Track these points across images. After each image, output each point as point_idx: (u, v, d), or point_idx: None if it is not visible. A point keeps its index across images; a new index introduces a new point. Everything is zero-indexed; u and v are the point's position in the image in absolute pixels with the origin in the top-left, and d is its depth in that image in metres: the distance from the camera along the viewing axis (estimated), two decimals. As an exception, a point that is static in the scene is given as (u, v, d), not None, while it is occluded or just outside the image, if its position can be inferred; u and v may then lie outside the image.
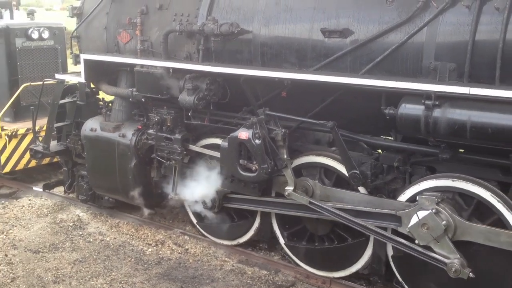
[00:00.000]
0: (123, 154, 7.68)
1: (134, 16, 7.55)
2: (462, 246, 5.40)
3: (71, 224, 8.51)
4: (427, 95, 5.09)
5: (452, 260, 5.33)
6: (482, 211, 5.43)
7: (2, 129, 9.84)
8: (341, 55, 5.87)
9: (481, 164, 5.54)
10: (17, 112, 10.43)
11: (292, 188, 6.38)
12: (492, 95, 4.80)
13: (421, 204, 5.46)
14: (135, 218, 8.59)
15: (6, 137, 9.82)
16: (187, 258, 7.37)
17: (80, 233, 8.21)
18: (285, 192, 6.45)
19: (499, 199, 5.24)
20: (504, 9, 4.92)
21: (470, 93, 4.89)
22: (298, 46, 6.23)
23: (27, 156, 9.77)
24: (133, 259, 7.34)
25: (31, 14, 11.73)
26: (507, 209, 5.21)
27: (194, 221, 7.95)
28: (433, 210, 5.35)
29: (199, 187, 7.21)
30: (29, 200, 9.61)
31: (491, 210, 5.30)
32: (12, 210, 9.14)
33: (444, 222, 5.33)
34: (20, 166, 10.19)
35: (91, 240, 7.96)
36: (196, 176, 7.31)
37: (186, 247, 7.69)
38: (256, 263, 7.22)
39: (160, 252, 7.56)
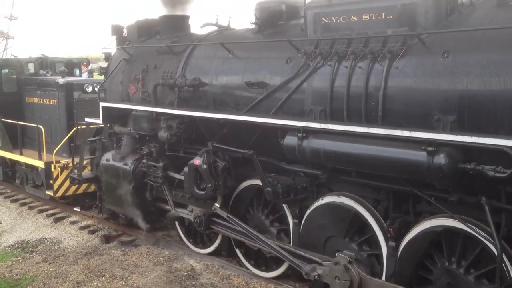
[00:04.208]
0: (125, 179, 9.90)
1: (139, 74, 9.92)
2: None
3: (185, 273, 8.73)
4: (297, 129, 6.88)
5: None
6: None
7: (56, 162, 12.49)
8: (259, 101, 7.80)
9: (363, 185, 7.04)
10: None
11: (219, 205, 8.56)
12: (333, 129, 6.52)
13: (337, 260, 6.88)
14: (246, 271, 8.79)
15: (59, 168, 12.45)
16: (296, 315, 7.48)
17: (193, 283, 8.37)
18: (212, 207, 8.55)
19: (366, 210, 6.87)
20: (348, 67, 6.69)
21: (321, 127, 6.63)
22: (235, 94, 8.25)
23: (77, 184, 12.20)
24: (242, 313, 7.59)
25: (90, 73, 14.64)
26: (371, 215, 6.83)
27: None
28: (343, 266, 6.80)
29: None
30: (147, 248, 9.93)
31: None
32: (132, 258, 9.49)
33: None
34: (70, 192, 12.77)
35: (203, 291, 8.18)
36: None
37: (295, 303, 7.77)
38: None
39: (269, 307, 7.70)
